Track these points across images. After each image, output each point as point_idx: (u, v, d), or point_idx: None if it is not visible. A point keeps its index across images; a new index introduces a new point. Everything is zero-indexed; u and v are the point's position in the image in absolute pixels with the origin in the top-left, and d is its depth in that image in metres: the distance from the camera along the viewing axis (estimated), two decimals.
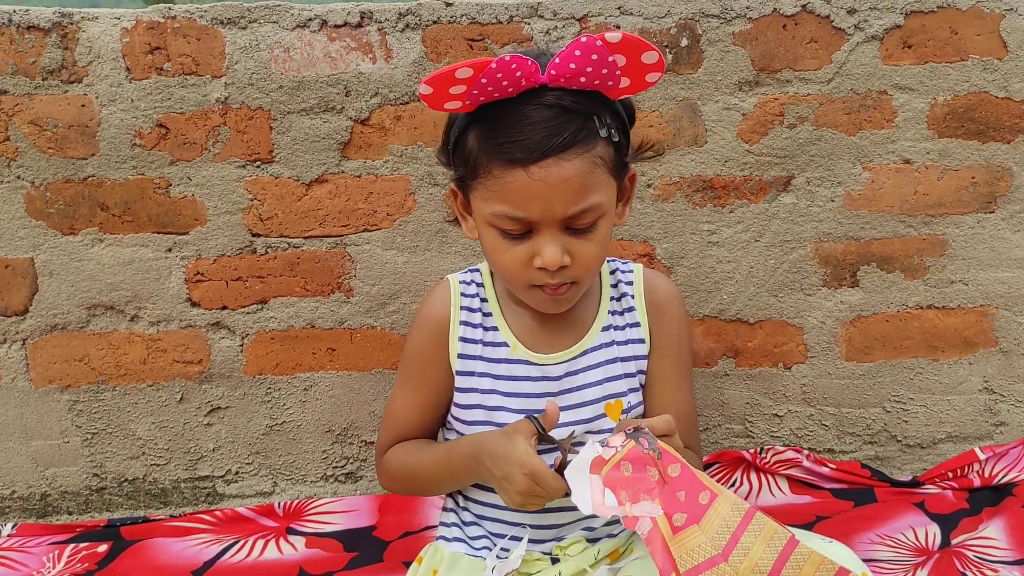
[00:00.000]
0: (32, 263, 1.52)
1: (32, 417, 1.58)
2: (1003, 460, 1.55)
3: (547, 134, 0.94)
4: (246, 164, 1.51)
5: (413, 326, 1.18)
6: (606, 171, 0.99)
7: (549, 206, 0.96)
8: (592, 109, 0.97)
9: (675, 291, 1.19)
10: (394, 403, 1.19)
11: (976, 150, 1.53)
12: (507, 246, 1.01)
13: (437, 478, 1.15)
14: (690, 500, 0.89)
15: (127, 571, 1.41)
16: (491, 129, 0.97)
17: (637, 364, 1.14)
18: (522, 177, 0.95)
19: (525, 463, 0.94)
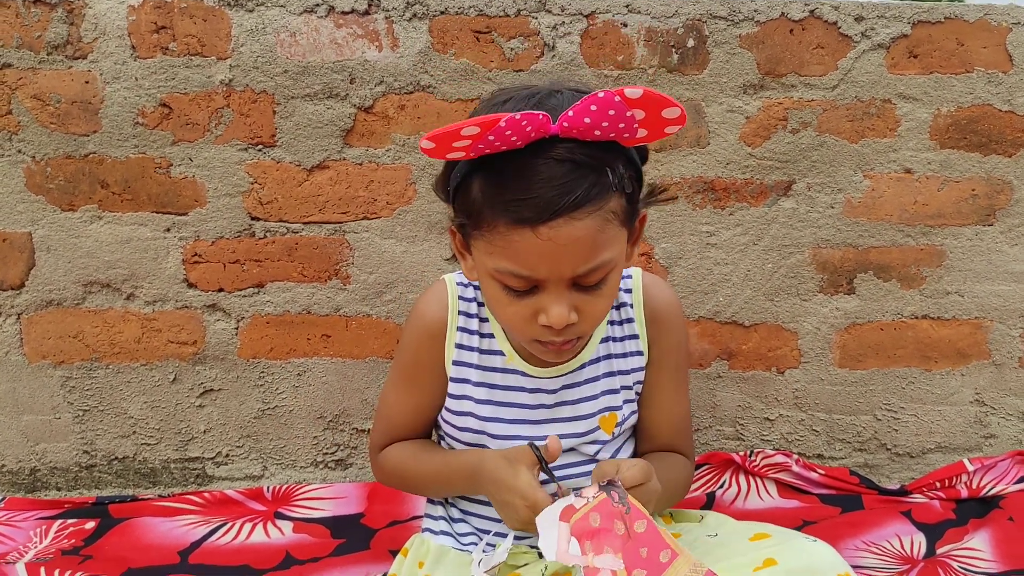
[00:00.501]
0: (30, 237, 1.52)
1: (24, 392, 1.58)
2: (991, 472, 1.55)
3: (558, 192, 0.87)
4: (248, 147, 1.50)
5: (409, 326, 1.16)
6: (618, 224, 0.93)
7: (557, 266, 0.91)
8: (605, 161, 0.89)
9: (675, 300, 1.17)
10: (388, 400, 1.18)
11: (977, 162, 1.54)
12: (510, 300, 0.96)
13: (433, 487, 1.16)
14: (651, 557, 0.91)
15: (114, 549, 1.41)
16: (497, 183, 0.90)
17: (635, 376, 1.13)
18: (529, 237, 0.89)
19: (528, 496, 0.95)
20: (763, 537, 1.02)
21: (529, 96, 0.91)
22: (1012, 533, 1.39)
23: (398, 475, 1.17)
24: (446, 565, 1.09)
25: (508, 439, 1.09)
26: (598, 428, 1.10)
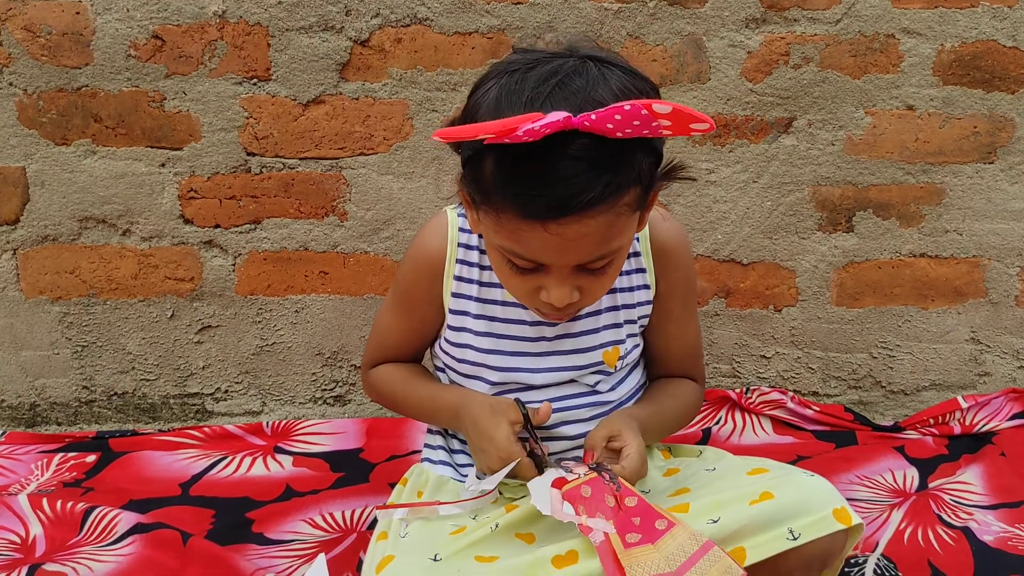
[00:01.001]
0: (23, 172, 1.51)
1: (22, 327, 1.58)
2: (985, 409, 1.56)
3: (572, 192, 0.84)
4: (242, 81, 1.48)
5: (408, 257, 1.16)
6: (631, 213, 0.90)
7: (563, 257, 0.90)
8: (624, 158, 0.85)
9: (682, 236, 1.15)
10: (382, 322, 1.19)
11: (980, 99, 1.52)
12: (513, 274, 0.95)
13: (418, 414, 1.18)
14: (645, 524, 0.92)
15: (115, 481, 1.42)
16: (510, 172, 0.86)
17: (640, 310, 1.13)
18: (538, 230, 0.86)
19: (503, 449, 0.99)
20: (761, 472, 1.03)
21: (550, 75, 0.87)
22: (1004, 468, 1.41)
23: (386, 396, 1.19)
24: (445, 494, 1.10)
25: (507, 371, 1.09)
26: (601, 362, 1.10)
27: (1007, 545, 1.22)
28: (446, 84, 1.49)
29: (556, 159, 0.83)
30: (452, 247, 1.10)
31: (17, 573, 1.16)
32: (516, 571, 0.90)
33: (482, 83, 0.92)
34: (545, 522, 1.02)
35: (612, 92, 0.85)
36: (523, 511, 1.02)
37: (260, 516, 1.31)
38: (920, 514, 1.30)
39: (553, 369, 1.09)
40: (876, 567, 1.16)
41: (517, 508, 1.02)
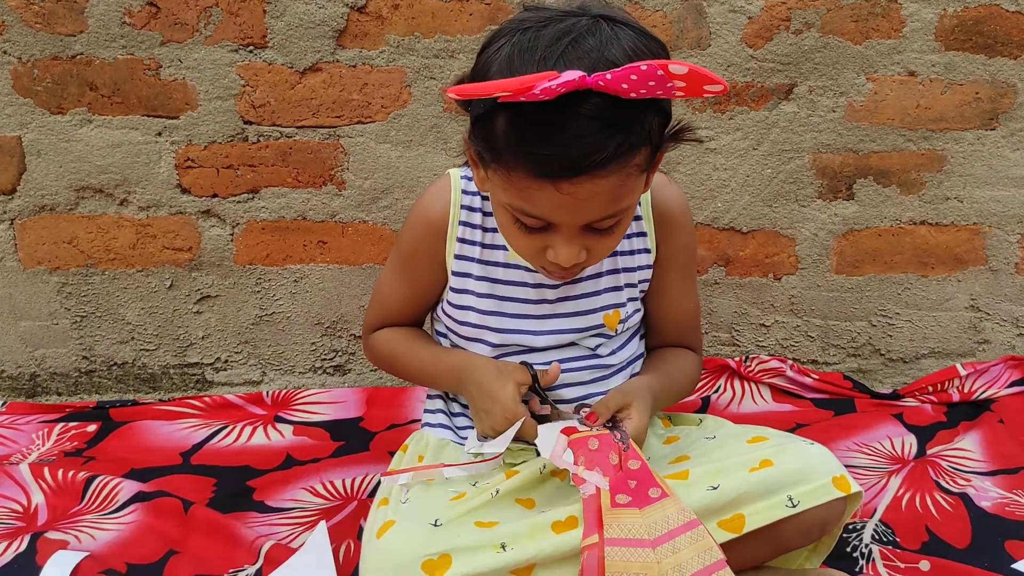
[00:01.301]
0: (19, 141, 1.50)
1: (21, 297, 1.58)
2: (983, 377, 1.57)
3: (585, 152, 0.84)
4: (238, 48, 1.47)
5: (411, 218, 1.15)
6: (640, 173, 0.91)
7: (573, 216, 0.90)
8: (637, 118, 0.85)
9: (684, 202, 1.16)
10: (384, 286, 1.18)
11: (982, 64, 1.51)
12: (521, 233, 0.95)
13: (419, 378, 1.18)
14: (639, 490, 0.92)
15: (116, 451, 1.43)
16: (522, 130, 0.86)
17: (641, 274, 1.13)
18: (549, 188, 0.87)
19: (509, 408, 1.00)
20: (760, 440, 1.04)
21: (563, 34, 0.86)
22: (1002, 435, 1.42)
23: (387, 360, 1.19)
24: (445, 458, 1.11)
25: (509, 333, 1.09)
26: (602, 324, 1.10)
27: (1004, 511, 1.23)
28: (444, 51, 1.48)
29: (569, 118, 0.83)
30: (455, 209, 1.10)
31: (20, 541, 1.16)
32: (515, 536, 0.91)
33: (493, 40, 0.91)
34: (545, 488, 1.03)
35: (625, 52, 0.85)
36: (523, 477, 1.02)
37: (261, 484, 1.32)
38: (918, 480, 1.30)
39: (554, 332, 1.09)
40: (874, 533, 1.17)
41: (517, 474, 1.03)
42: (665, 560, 0.87)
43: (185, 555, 1.15)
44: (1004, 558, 1.12)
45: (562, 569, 0.90)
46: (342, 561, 1.13)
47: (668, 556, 0.87)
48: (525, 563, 0.90)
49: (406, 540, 0.92)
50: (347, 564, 1.13)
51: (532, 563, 0.90)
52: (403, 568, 0.89)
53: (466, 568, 0.88)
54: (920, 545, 1.16)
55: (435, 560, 0.89)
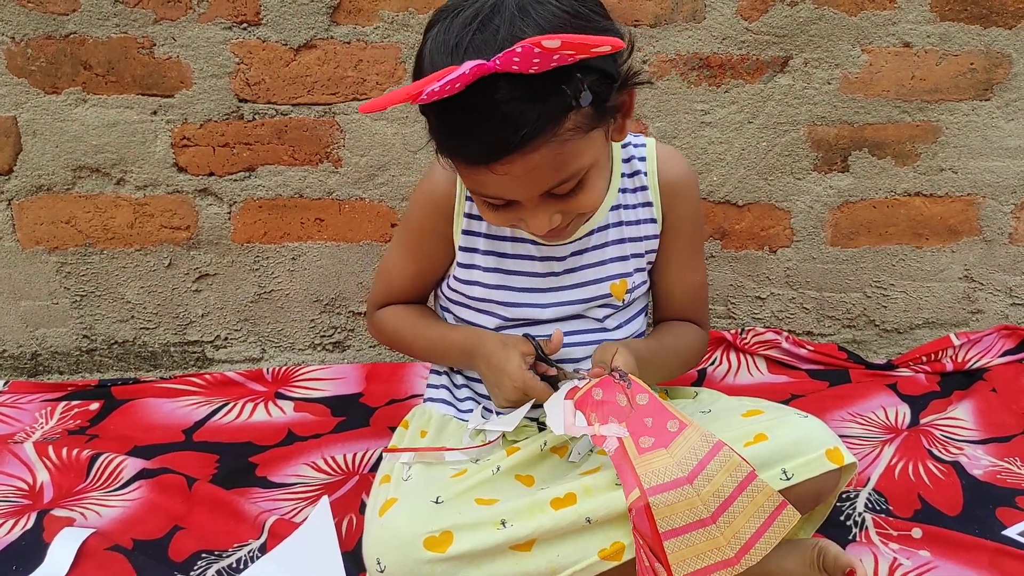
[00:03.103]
0: (15, 121, 1.50)
1: (20, 277, 1.59)
2: (977, 346, 1.58)
3: (503, 134, 0.84)
4: (232, 26, 1.46)
5: (417, 195, 1.16)
6: (583, 133, 0.89)
7: (522, 191, 0.91)
8: (554, 86, 0.83)
9: (689, 172, 1.16)
10: (389, 263, 1.19)
11: (977, 35, 1.51)
12: (492, 212, 0.97)
13: (427, 354, 1.19)
14: (657, 426, 0.94)
15: (119, 428, 1.44)
16: (444, 127, 0.88)
17: (647, 244, 1.14)
18: (486, 173, 0.88)
19: (516, 377, 1.01)
20: (755, 413, 1.05)
21: (472, 19, 0.85)
22: (994, 403, 1.44)
23: (394, 337, 1.20)
24: (448, 434, 1.12)
25: (516, 306, 1.10)
26: (609, 295, 1.11)
27: (996, 478, 1.25)
28: None
29: (484, 105, 0.83)
30: (461, 186, 1.10)
31: (27, 519, 1.18)
32: (515, 513, 0.93)
33: (425, 32, 0.91)
34: (545, 465, 1.05)
35: (537, 26, 0.84)
36: (524, 454, 1.04)
37: (263, 460, 1.34)
38: (911, 449, 1.32)
39: (561, 303, 1.10)
40: (867, 501, 1.19)
41: (518, 451, 1.04)
42: (704, 490, 0.89)
43: (190, 531, 1.17)
44: (995, 525, 1.14)
45: (562, 543, 0.92)
46: (344, 535, 1.15)
47: (706, 485, 0.89)
48: (525, 539, 0.91)
49: (408, 518, 0.94)
50: (349, 537, 1.14)
51: (532, 539, 0.91)
52: (405, 545, 0.91)
53: (467, 544, 0.90)
54: (912, 513, 1.18)
55: (437, 537, 0.91)
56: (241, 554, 1.11)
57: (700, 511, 0.89)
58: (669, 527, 0.88)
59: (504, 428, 1.04)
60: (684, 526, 0.88)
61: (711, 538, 0.88)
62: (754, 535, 0.89)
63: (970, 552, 1.08)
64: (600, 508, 0.92)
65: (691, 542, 0.88)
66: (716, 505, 0.89)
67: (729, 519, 0.89)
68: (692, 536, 0.88)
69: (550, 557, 0.91)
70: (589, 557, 0.91)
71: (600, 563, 0.91)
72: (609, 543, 0.92)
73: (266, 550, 1.11)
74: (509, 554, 0.91)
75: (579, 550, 0.92)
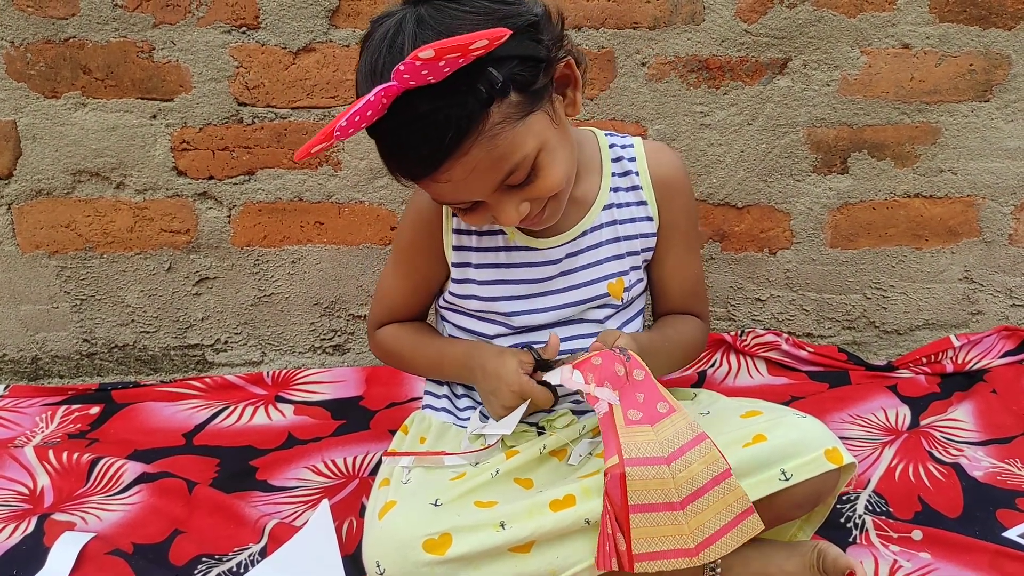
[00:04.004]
0: (15, 126, 1.50)
1: (20, 282, 1.59)
2: (977, 347, 1.58)
3: (432, 144, 0.86)
4: (231, 29, 1.47)
5: (406, 215, 1.17)
6: (515, 122, 0.89)
7: (474, 191, 0.93)
8: (460, 90, 0.84)
9: (681, 166, 1.16)
10: (386, 281, 1.20)
11: (976, 36, 1.51)
12: (463, 214, 0.99)
13: (427, 370, 1.20)
14: (648, 404, 0.95)
15: (119, 432, 1.44)
16: (380, 147, 0.91)
17: (643, 242, 1.14)
18: (431, 184, 0.92)
19: (513, 381, 1.03)
20: (754, 414, 1.04)
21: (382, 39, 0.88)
22: (995, 404, 1.43)
23: (394, 356, 1.20)
24: (447, 441, 1.12)
25: (515, 314, 1.11)
26: (607, 294, 1.11)
27: (996, 480, 1.24)
28: None
29: (408, 121, 0.85)
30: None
31: (27, 523, 1.18)
32: (514, 515, 0.93)
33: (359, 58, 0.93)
34: (544, 468, 1.05)
35: (437, 33, 0.85)
36: (523, 457, 1.04)
37: (263, 464, 1.34)
38: (911, 451, 1.32)
39: (560, 306, 1.11)
40: (867, 503, 1.19)
41: (517, 454, 1.04)
42: (679, 474, 0.90)
43: (190, 534, 1.16)
44: (995, 527, 1.14)
45: (561, 545, 0.92)
46: (345, 538, 1.14)
47: (681, 471, 0.90)
48: (523, 540, 0.91)
49: (407, 520, 0.94)
50: (350, 541, 1.14)
51: (531, 540, 0.91)
52: (405, 547, 0.90)
53: (466, 546, 0.90)
54: (913, 515, 1.17)
55: (436, 539, 0.90)
56: (241, 558, 1.11)
57: (671, 494, 0.89)
58: (639, 501, 0.89)
59: (502, 432, 1.04)
60: (653, 504, 0.89)
61: (676, 523, 0.89)
62: (717, 532, 0.90)
63: (970, 554, 1.07)
64: (599, 509, 0.91)
65: (656, 522, 0.89)
66: (687, 492, 0.90)
67: (696, 510, 0.90)
68: (658, 516, 0.89)
69: (549, 559, 0.91)
70: (588, 559, 0.91)
71: None
72: None
73: (266, 554, 1.11)
74: (508, 556, 0.91)
75: (578, 552, 0.92)
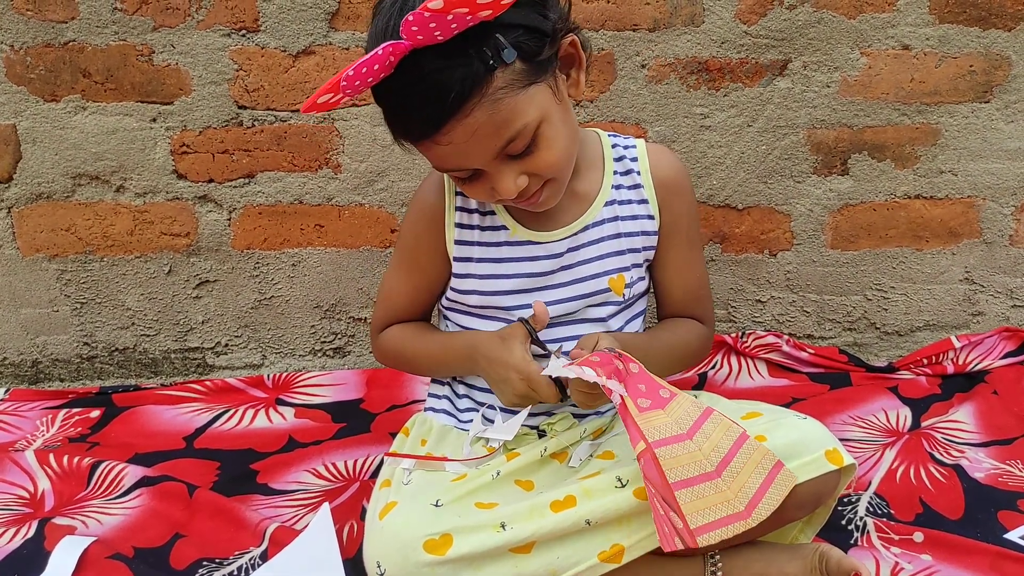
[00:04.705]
0: (14, 129, 1.50)
1: (21, 285, 1.59)
2: (978, 348, 1.58)
3: (436, 103, 0.87)
4: (231, 32, 1.47)
5: (409, 213, 1.17)
6: (519, 89, 0.91)
7: (475, 157, 0.93)
8: (465, 51, 0.86)
9: (681, 168, 1.17)
10: (388, 284, 1.20)
11: (976, 37, 1.51)
12: (463, 183, 1.00)
13: (431, 368, 1.19)
14: (651, 392, 0.95)
15: (120, 436, 1.44)
16: (385, 107, 0.93)
17: (644, 240, 1.14)
18: (432, 146, 0.93)
19: (522, 369, 1.01)
20: (754, 416, 1.04)
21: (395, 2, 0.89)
22: (996, 406, 1.43)
23: (398, 356, 1.20)
24: (448, 444, 1.12)
25: (517, 309, 1.11)
26: (608, 289, 1.11)
27: (997, 481, 1.24)
28: None
29: (414, 80, 0.87)
30: (450, 197, 1.11)
31: (28, 527, 1.18)
32: (515, 516, 0.93)
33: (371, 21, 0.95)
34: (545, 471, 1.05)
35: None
36: (523, 460, 1.04)
37: (264, 467, 1.33)
38: (912, 453, 1.32)
39: (561, 301, 1.11)
40: (868, 505, 1.19)
41: (518, 456, 1.04)
42: (704, 445, 0.90)
43: (191, 538, 1.16)
44: (996, 528, 1.14)
45: (562, 546, 0.92)
46: (345, 541, 1.14)
47: (704, 442, 0.90)
48: (524, 541, 0.91)
49: (408, 520, 0.93)
50: (350, 544, 1.14)
51: (531, 541, 0.91)
52: (406, 548, 0.90)
53: (467, 547, 0.90)
54: (914, 517, 1.17)
55: (436, 540, 0.90)
56: (242, 562, 1.11)
57: (704, 465, 0.89)
58: (677, 478, 0.88)
59: (504, 437, 1.04)
60: (691, 478, 0.88)
61: (719, 491, 0.88)
62: (759, 491, 0.89)
63: (972, 556, 1.07)
64: (600, 510, 0.91)
65: (701, 494, 0.88)
66: (718, 460, 0.89)
67: (732, 473, 0.89)
68: (701, 488, 0.88)
69: (550, 559, 0.91)
70: (589, 559, 0.91)
71: (600, 565, 0.91)
72: (609, 545, 0.91)
73: (267, 557, 1.11)
74: (509, 556, 0.91)
75: (579, 552, 0.92)
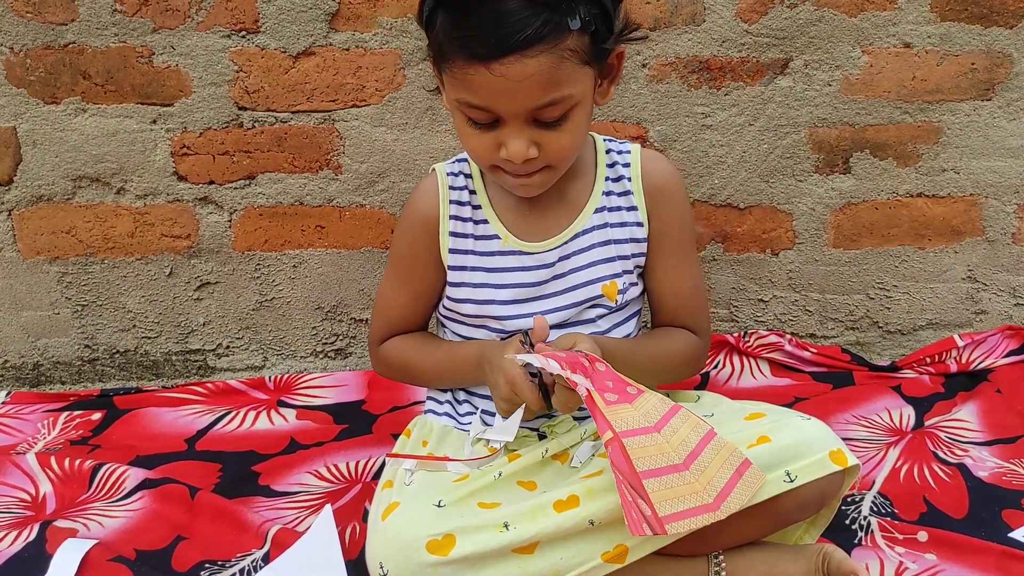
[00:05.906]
0: (15, 132, 1.50)
1: (21, 288, 1.59)
2: (981, 347, 1.57)
3: (510, 30, 0.89)
4: (231, 34, 1.47)
5: (401, 221, 1.17)
6: (578, 62, 0.94)
7: (512, 102, 0.94)
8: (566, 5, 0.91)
9: (674, 173, 1.16)
10: (385, 294, 1.19)
11: (978, 35, 1.50)
12: (474, 132, 0.99)
13: (439, 378, 1.18)
14: (618, 388, 0.95)
15: (121, 438, 1.44)
16: (455, 18, 0.93)
17: (634, 248, 1.13)
18: (484, 73, 0.92)
19: (507, 372, 1.00)
20: (758, 416, 1.04)
21: None
22: (999, 404, 1.43)
23: (401, 368, 1.19)
24: (448, 444, 1.12)
25: (510, 319, 1.10)
26: (601, 295, 1.11)
27: (1001, 480, 1.24)
28: None
29: (495, 2, 0.89)
30: (444, 205, 1.11)
31: (29, 530, 1.18)
32: (518, 516, 0.92)
33: None
34: (547, 471, 1.04)
35: None
36: (525, 460, 1.03)
37: (266, 469, 1.33)
38: (916, 452, 1.31)
39: (555, 309, 1.11)
40: (872, 505, 1.18)
41: (520, 457, 1.04)
42: (672, 438, 0.90)
43: (193, 541, 1.16)
44: (1001, 527, 1.13)
45: (565, 546, 0.91)
46: (348, 543, 1.14)
47: (672, 435, 0.90)
48: (527, 541, 0.91)
49: (410, 521, 0.93)
50: (353, 546, 1.14)
51: (534, 541, 0.91)
52: (408, 548, 0.90)
53: (470, 547, 0.90)
54: (918, 516, 1.17)
55: (439, 540, 0.90)
56: (244, 564, 1.11)
57: (672, 457, 0.89)
58: (646, 467, 0.88)
59: (504, 438, 1.04)
60: (659, 468, 0.88)
61: (687, 483, 0.88)
62: (727, 484, 0.89)
63: (976, 555, 1.07)
64: (603, 510, 0.91)
65: (669, 484, 0.87)
66: (686, 453, 0.89)
67: (700, 467, 0.89)
68: (669, 479, 0.87)
69: (553, 560, 0.91)
70: (592, 559, 0.91)
71: (603, 565, 0.91)
72: (612, 545, 0.91)
73: (269, 560, 1.11)
74: (512, 557, 0.91)
75: (582, 552, 0.91)
